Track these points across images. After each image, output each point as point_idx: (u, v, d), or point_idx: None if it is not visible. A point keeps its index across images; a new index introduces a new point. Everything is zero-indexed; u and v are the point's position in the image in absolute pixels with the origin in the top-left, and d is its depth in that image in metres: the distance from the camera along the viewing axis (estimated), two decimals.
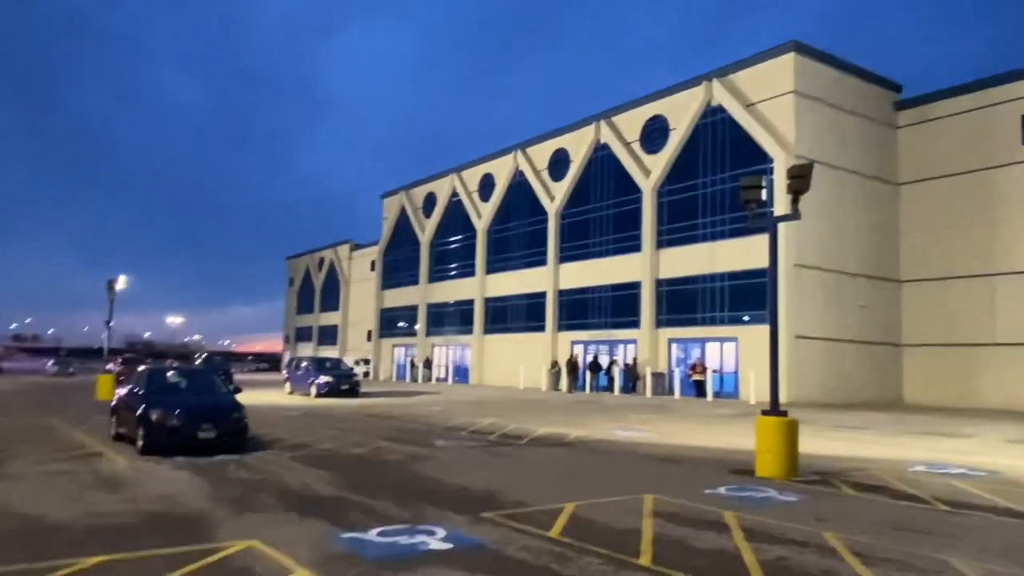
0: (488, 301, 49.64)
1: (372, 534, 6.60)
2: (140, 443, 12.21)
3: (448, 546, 6.18)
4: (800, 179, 10.89)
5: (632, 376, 36.88)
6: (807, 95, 31.83)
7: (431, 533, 6.67)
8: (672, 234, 36.70)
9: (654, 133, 38.14)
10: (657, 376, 35.00)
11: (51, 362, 65.43)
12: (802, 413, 14.99)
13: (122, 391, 14.88)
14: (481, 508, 7.97)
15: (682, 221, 36.14)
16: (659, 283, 36.92)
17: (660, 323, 36.79)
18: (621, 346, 39.43)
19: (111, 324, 34.94)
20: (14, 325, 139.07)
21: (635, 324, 37.82)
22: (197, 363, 46.77)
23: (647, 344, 36.79)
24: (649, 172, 37.68)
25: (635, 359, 37.40)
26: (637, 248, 38.05)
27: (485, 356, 49.14)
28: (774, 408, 10.70)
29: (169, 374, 15.28)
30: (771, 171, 30.24)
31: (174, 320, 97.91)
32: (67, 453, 12.27)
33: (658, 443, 15.55)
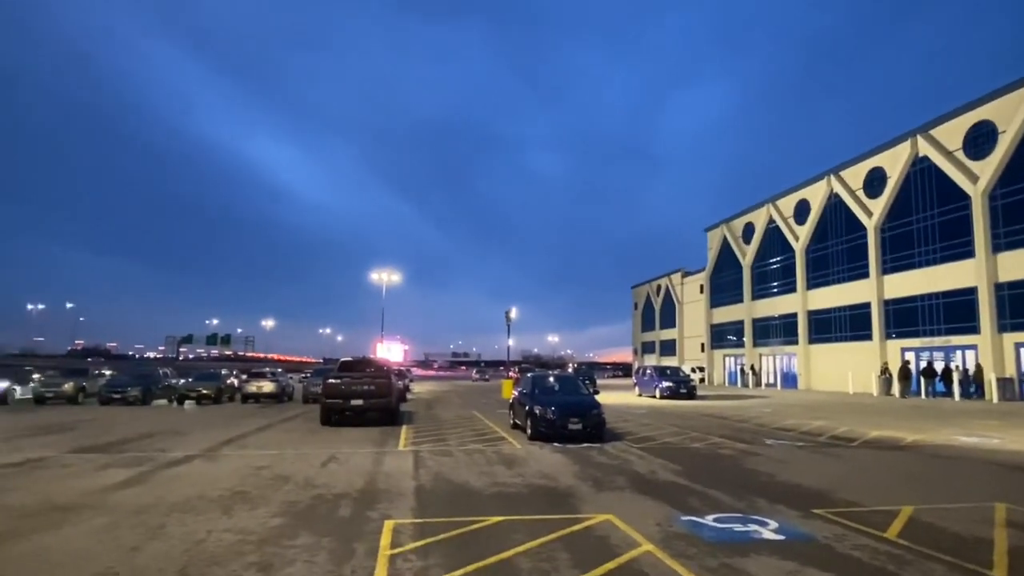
0: (811, 314, 48.61)
1: (709, 519, 6.77)
2: (528, 431, 14.31)
3: (780, 537, 6.05)
4: None
5: (973, 382, 32.70)
6: None
7: (763, 524, 6.58)
8: (1010, 236, 32.33)
9: (979, 138, 34.16)
10: (1004, 381, 30.70)
11: (475, 371, 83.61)
12: None
13: (516, 392, 17.38)
14: (812, 504, 7.50)
15: (1021, 223, 31.78)
16: (998, 287, 32.77)
17: (1003, 328, 32.40)
18: (958, 352, 35.18)
19: (510, 343, 42.03)
20: (452, 346, 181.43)
21: (973, 329, 33.88)
22: (568, 371, 52.93)
23: (988, 349, 32.52)
24: (977, 177, 33.70)
25: (977, 364, 32.93)
26: (969, 254, 34.32)
27: (811, 363, 47.99)
28: None
29: (549, 380, 17.39)
30: None
31: (553, 338, 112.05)
32: (481, 436, 14.70)
33: (1010, 450, 12.57)
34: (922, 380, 34.38)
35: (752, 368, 53.48)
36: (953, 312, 35.38)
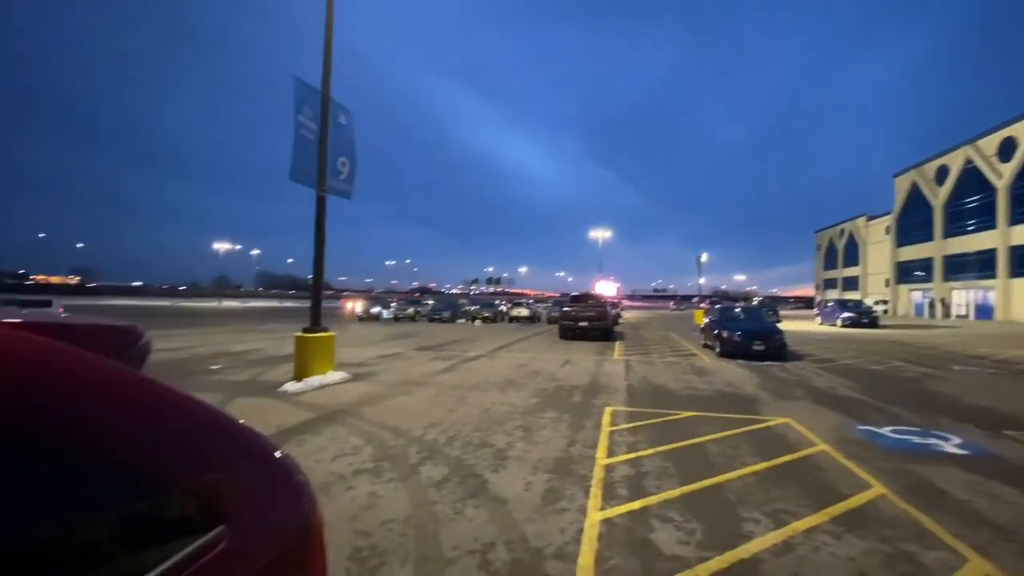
0: (1013, 249, 37.74)
1: (886, 430, 5.72)
2: (717, 350, 13.29)
3: (964, 452, 4.89)
4: None
5: None
6: None
7: (945, 439, 5.35)
8: None
9: None
10: None
11: (672, 303, 79.17)
12: None
13: (707, 319, 16.24)
14: (1003, 426, 5.85)
15: None
16: None
17: None
18: None
19: (701, 281, 38.93)
20: (652, 284, 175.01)
21: None
22: (753, 303, 47.23)
23: None
24: None
25: None
26: None
27: (1011, 297, 37.54)
28: None
29: (735, 310, 15.87)
30: None
31: (739, 277, 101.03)
32: (677, 352, 14.07)
33: None
34: None
35: (942, 301, 42.57)
36: None
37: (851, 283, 65.57)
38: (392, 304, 36.22)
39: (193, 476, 0.85)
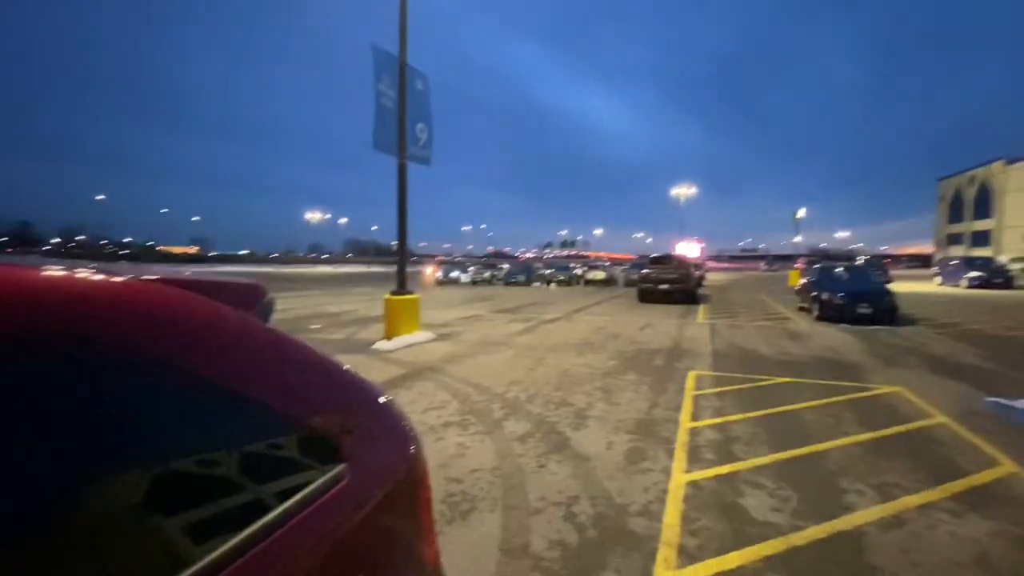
0: None
1: (1020, 403, 5.03)
2: (815, 314, 12.30)
3: None
4: None
5: None
6: None
7: None
8: None
9: None
10: None
11: (763, 264, 73.53)
12: None
13: (803, 280, 15.01)
14: None
15: None
16: None
17: None
18: None
19: (797, 239, 35.58)
20: (740, 243, 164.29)
21: None
22: (859, 263, 42.37)
23: None
24: None
25: None
26: None
27: None
28: None
29: (836, 270, 14.47)
30: None
31: (842, 234, 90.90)
32: (768, 316, 13.20)
33: None
34: None
35: None
36: None
37: (981, 238, 56.66)
38: (469, 268, 37.26)
39: (318, 417, 0.94)
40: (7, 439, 0.56)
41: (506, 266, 41.24)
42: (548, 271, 34.48)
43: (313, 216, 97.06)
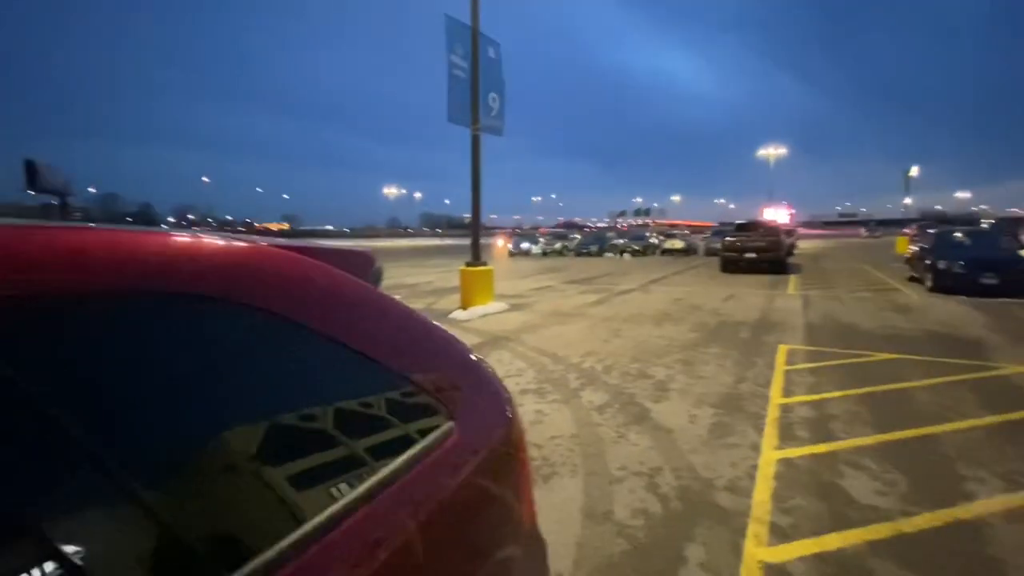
0: None
1: None
2: (928, 284, 11.01)
3: None
4: None
5: None
6: None
7: None
8: None
9: None
10: None
11: (864, 229, 65.47)
12: None
13: (914, 247, 13.45)
14: None
15: None
16: None
17: None
18: None
19: (907, 200, 31.72)
20: (838, 207, 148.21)
21: None
22: (982, 227, 36.87)
23: None
24: None
25: None
26: None
27: None
28: None
29: (955, 235, 12.76)
30: None
31: (961, 195, 78.78)
32: (871, 286, 12.03)
33: None
34: None
35: None
36: None
37: None
38: (540, 239, 37.18)
39: (429, 376, 1.00)
40: (161, 386, 0.64)
41: (577, 236, 40.66)
42: (621, 240, 33.57)
43: (390, 191, 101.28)
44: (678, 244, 30.14)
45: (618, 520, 2.51)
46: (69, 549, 0.50)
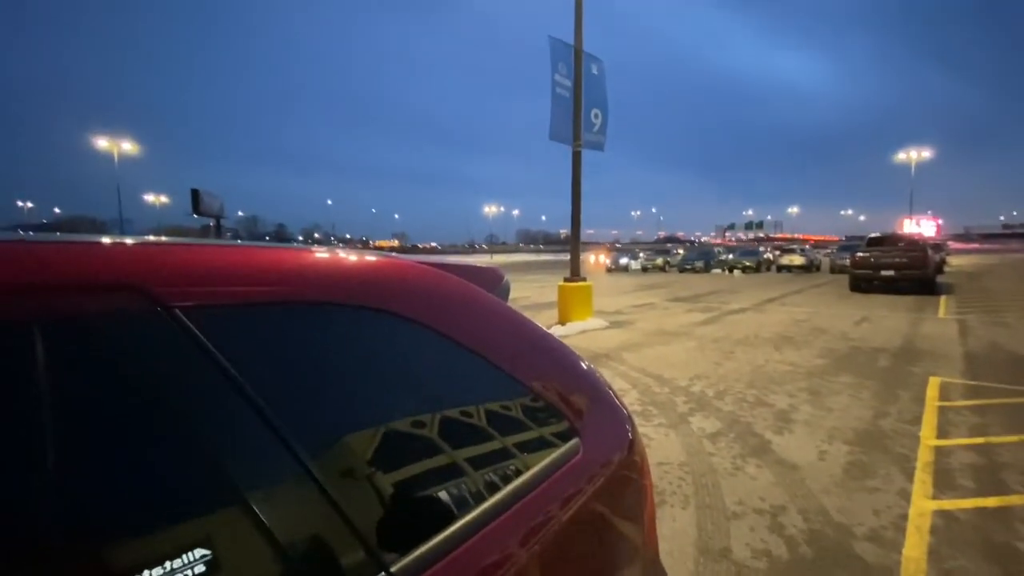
0: None
1: None
2: None
3: None
4: None
5: None
6: None
7: None
8: None
9: None
10: None
11: None
12: None
13: None
14: None
15: None
16: None
17: None
18: None
19: None
20: (1001, 217, 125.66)
21: None
22: None
23: None
24: None
25: None
26: None
27: None
28: None
29: None
30: None
31: None
32: None
33: None
34: None
35: None
36: None
37: None
38: (640, 254, 36.14)
39: (556, 391, 1.02)
40: (307, 387, 0.70)
41: (680, 251, 38.86)
42: (730, 256, 31.47)
43: (490, 209, 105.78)
44: (797, 260, 27.54)
45: (737, 560, 2.33)
46: (270, 527, 0.58)
